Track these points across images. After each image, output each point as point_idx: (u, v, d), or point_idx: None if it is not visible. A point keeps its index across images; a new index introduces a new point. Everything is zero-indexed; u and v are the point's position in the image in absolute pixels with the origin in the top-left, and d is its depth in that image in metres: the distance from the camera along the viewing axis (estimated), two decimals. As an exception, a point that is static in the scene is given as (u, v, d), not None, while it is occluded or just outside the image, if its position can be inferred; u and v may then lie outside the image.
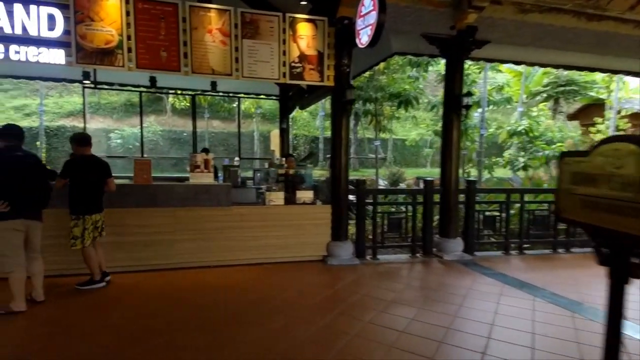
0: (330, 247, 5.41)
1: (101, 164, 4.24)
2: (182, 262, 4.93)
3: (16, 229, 3.38)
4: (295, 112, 10.64)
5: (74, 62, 4.36)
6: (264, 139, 15.69)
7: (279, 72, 5.00)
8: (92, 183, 4.12)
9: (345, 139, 5.37)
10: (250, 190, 5.98)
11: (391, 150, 15.61)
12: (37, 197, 3.58)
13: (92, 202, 4.14)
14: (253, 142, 17.30)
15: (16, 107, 16.03)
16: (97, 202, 4.19)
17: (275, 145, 15.95)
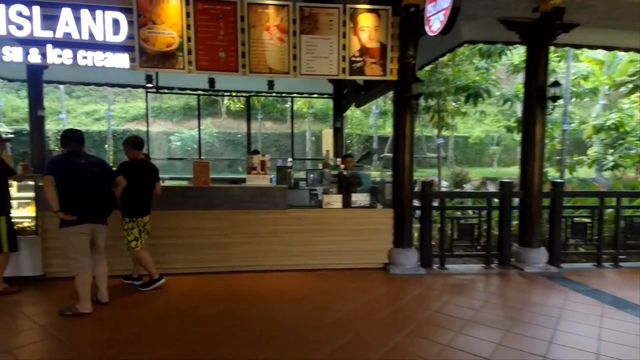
0: (393, 255, 5.06)
1: (152, 167, 4.31)
2: (238, 266, 4.87)
3: (82, 232, 3.47)
4: (348, 110, 10.36)
5: (138, 66, 4.46)
6: (315, 139, 15.62)
7: (338, 67, 4.75)
8: (144, 186, 4.18)
9: (410, 137, 4.98)
10: (305, 192, 5.81)
11: (452, 149, 14.74)
12: (101, 202, 3.62)
13: (146, 205, 4.23)
14: (304, 143, 17.32)
15: (87, 112, 17.51)
16: (149, 204, 4.27)
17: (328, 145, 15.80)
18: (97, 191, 3.58)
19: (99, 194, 3.59)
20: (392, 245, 5.11)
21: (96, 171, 3.58)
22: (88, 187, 3.50)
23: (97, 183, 3.58)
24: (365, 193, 5.23)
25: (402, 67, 4.86)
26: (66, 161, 3.48)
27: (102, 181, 3.64)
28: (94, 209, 3.56)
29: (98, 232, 3.65)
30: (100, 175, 3.63)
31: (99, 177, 3.60)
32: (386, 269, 5.06)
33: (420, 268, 5.05)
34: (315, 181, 8.27)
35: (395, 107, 5.12)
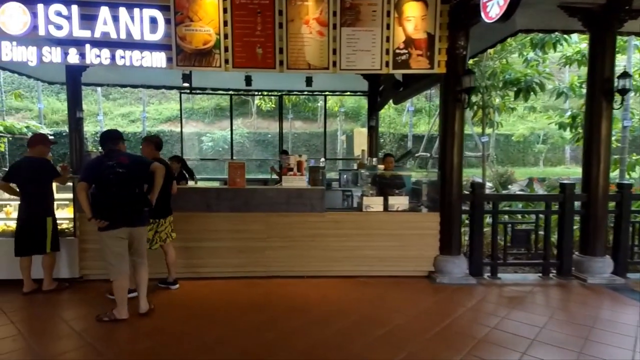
0: (439, 262, 4.73)
1: (169, 167, 4.27)
2: (274, 271, 4.72)
3: (119, 237, 3.37)
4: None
5: (174, 64, 4.40)
6: (347, 139, 15.37)
7: (381, 61, 4.49)
8: (165, 186, 4.01)
9: (460, 135, 4.65)
10: (340, 194, 5.61)
11: (493, 147, 14.04)
12: (131, 203, 3.42)
13: (169, 204, 4.24)
14: (335, 142, 17.09)
15: (123, 114, 18.12)
16: (168, 206, 4.25)
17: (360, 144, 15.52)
18: (124, 193, 3.38)
19: (126, 196, 3.39)
20: (438, 252, 4.79)
21: (122, 172, 3.34)
22: (113, 189, 3.33)
23: (123, 184, 3.36)
24: (407, 195, 4.94)
25: (451, 59, 4.53)
26: (96, 164, 3.42)
27: (128, 182, 3.40)
28: (125, 212, 3.39)
29: (136, 236, 3.53)
30: (127, 176, 3.38)
31: (125, 179, 3.37)
32: (431, 277, 4.74)
33: (469, 277, 4.70)
34: (349, 182, 8.06)
35: (442, 103, 4.79)
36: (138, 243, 3.57)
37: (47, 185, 4.14)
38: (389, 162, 5.79)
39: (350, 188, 7.19)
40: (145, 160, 3.65)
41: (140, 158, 3.69)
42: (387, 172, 5.42)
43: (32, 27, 4.12)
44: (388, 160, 5.82)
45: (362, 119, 17.69)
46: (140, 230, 3.57)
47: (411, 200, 4.98)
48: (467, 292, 4.35)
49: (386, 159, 5.85)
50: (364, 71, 4.58)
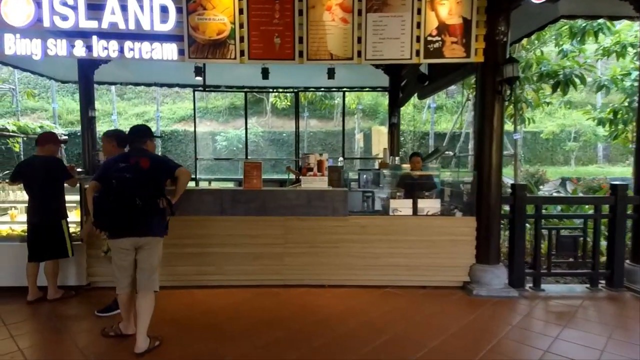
0: (475, 272, 4.33)
1: None
2: (293, 279, 4.40)
3: (121, 247, 2.96)
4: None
5: (186, 57, 4.12)
6: (364, 137, 14.99)
7: (411, 50, 4.12)
8: None
9: (499, 131, 4.24)
10: (368, 197, 5.26)
11: (520, 145, 13.42)
12: (140, 211, 2.89)
13: None
14: (351, 141, 16.69)
15: (137, 113, 18.14)
16: None
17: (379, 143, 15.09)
18: (125, 202, 2.86)
19: (128, 204, 2.86)
20: (474, 261, 4.38)
21: (128, 178, 2.88)
22: (111, 196, 2.87)
23: (125, 192, 2.86)
24: (439, 198, 4.55)
25: (490, 47, 4.13)
26: (109, 163, 3.07)
27: (135, 189, 2.87)
28: (128, 220, 2.88)
29: (144, 247, 2.96)
30: (134, 183, 2.88)
31: (131, 185, 2.87)
32: (466, 288, 4.35)
33: (510, 289, 4.28)
34: (369, 182, 7.68)
35: (480, 95, 4.38)
36: (142, 257, 2.97)
37: (60, 186, 3.93)
38: (416, 162, 5.38)
39: (371, 189, 6.84)
40: (170, 165, 3.11)
41: (164, 161, 3.12)
42: (415, 172, 5.04)
43: (36, 18, 3.90)
44: (415, 160, 5.41)
45: (380, 116, 17.27)
46: (149, 241, 2.95)
47: (442, 202, 4.58)
48: (509, 306, 3.95)
49: (413, 159, 5.45)
50: (392, 61, 4.21)
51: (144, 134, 3.16)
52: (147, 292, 2.95)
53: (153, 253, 3.00)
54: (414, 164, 5.37)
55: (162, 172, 3.07)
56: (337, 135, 16.70)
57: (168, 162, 3.14)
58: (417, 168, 5.33)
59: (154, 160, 3.04)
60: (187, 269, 4.32)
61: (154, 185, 2.99)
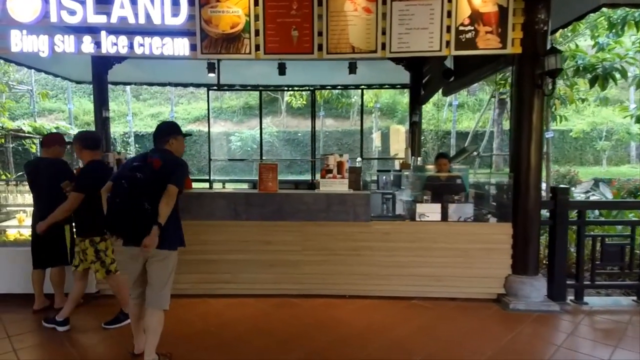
0: (512, 284, 3.98)
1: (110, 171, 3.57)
2: (311, 289, 4.13)
3: (131, 253, 2.71)
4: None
5: (199, 52, 3.91)
6: (382, 137, 14.62)
7: (441, 41, 3.80)
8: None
9: (539, 129, 3.89)
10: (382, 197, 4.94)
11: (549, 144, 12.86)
12: (146, 216, 2.55)
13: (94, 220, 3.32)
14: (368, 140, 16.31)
15: (152, 114, 18.21)
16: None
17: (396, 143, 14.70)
18: (132, 203, 2.55)
19: (133, 208, 2.56)
20: (510, 271, 4.03)
21: (137, 177, 2.57)
22: (117, 198, 2.59)
23: (134, 192, 2.55)
24: (470, 203, 4.21)
25: (528, 37, 3.78)
26: (124, 164, 2.87)
27: (142, 188, 2.56)
28: (129, 227, 2.60)
29: (150, 260, 2.68)
30: (143, 182, 2.57)
31: (139, 184, 2.56)
32: (501, 301, 4.00)
33: (550, 302, 3.92)
34: (388, 184, 7.35)
35: (517, 90, 4.03)
36: (151, 270, 2.70)
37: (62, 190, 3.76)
38: (443, 165, 4.96)
39: (390, 191, 6.53)
40: (172, 174, 2.63)
41: (173, 168, 2.67)
42: (443, 173, 4.70)
43: (43, 13, 3.74)
44: (442, 162, 4.95)
45: (398, 115, 16.88)
46: (157, 252, 2.63)
47: (480, 207, 4.25)
48: (550, 322, 3.60)
49: (439, 160, 5.00)
50: (420, 54, 3.90)
51: (164, 132, 2.79)
52: (154, 310, 2.68)
53: (163, 267, 2.68)
54: (441, 166, 4.98)
55: (168, 176, 2.63)
56: (354, 134, 16.39)
57: (174, 171, 2.66)
58: (443, 171, 4.97)
59: (165, 162, 2.67)
60: (200, 276, 4.11)
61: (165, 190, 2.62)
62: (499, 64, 4.52)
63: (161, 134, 2.79)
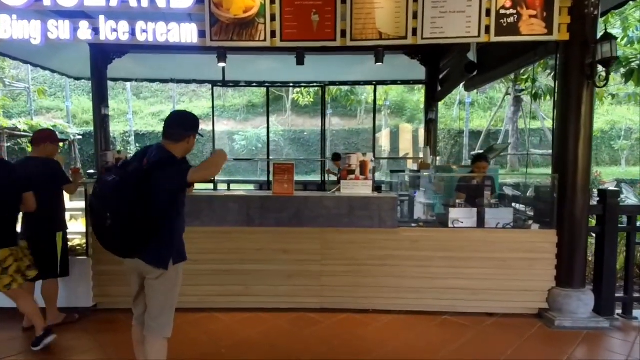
0: (556, 297, 3.59)
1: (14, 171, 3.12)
2: (332, 302, 3.76)
3: (129, 266, 2.33)
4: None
5: (208, 39, 3.54)
6: (392, 135, 14.25)
7: (479, 26, 3.42)
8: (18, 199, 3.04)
9: (588, 125, 3.51)
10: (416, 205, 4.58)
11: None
12: (117, 230, 2.10)
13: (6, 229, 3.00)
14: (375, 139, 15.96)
15: (153, 113, 17.86)
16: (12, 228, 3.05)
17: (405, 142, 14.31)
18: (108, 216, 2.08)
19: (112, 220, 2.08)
20: (554, 283, 3.65)
21: (110, 181, 2.10)
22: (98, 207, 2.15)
23: (106, 204, 2.10)
24: (510, 207, 3.83)
25: (577, 22, 3.41)
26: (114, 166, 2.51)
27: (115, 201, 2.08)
28: (100, 237, 2.20)
29: (146, 277, 2.28)
30: (114, 192, 2.08)
31: (108, 195, 2.09)
32: (544, 317, 3.62)
33: (598, 318, 3.54)
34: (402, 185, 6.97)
35: (562, 81, 3.65)
36: (146, 290, 2.30)
37: (58, 193, 3.39)
38: (482, 168, 4.43)
39: (406, 192, 6.16)
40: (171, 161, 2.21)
41: (163, 158, 2.20)
42: (476, 174, 4.30)
43: (35, -5, 3.39)
44: (481, 165, 4.35)
45: (407, 113, 16.51)
46: (146, 269, 2.23)
47: (519, 212, 3.87)
48: (602, 342, 3.22)
49: (478, 164, 4.39)
50: (455, 40, 3.52)
51: (168, 124, 2.31)
52: (152, 337, 2.28)
53: (157, 287, 2.24)
54: (480, 169, 4.47)
55: (157, 180, 2.13)
56: (362, 133, 16.03)
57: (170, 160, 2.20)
58: (480, 171, 4.49)
59: (152, 162, 2.18)
60: (209, 288, 3.74)
61: (144, 196, 2.10)
62: (538, 54, 4.14)
63: (166, 125, 2.30)
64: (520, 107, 11.00)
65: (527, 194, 4.16)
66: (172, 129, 2.29)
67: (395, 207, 3.76)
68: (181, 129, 2.30)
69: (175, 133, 2.28)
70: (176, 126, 2.31)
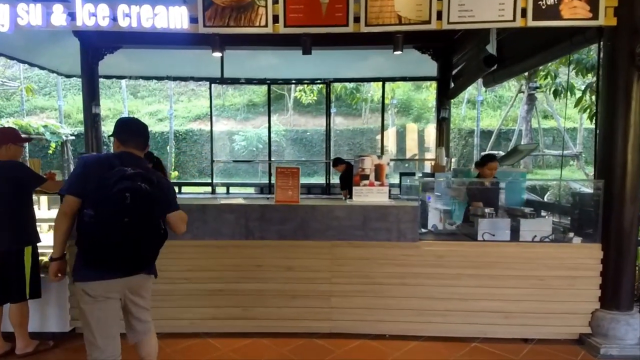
0: (601, 321, 3.15)
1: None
2: (343, 327, 3.32)
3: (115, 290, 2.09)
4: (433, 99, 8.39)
5: (200, 25, 3.11)
6: (398, 135, 13.81)
7: (514, 9, 2.98)
8: None
9: (638, 123, 3.06)
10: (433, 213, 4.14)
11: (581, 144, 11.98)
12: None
13: None
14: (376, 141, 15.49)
15: (150, 112, 17.42)
16: None
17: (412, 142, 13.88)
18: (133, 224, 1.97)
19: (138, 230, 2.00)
20: (598, 305, 3.20)
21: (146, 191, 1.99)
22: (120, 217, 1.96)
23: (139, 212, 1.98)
24: (548, 217, 3.39)
25: (625, 6, 2.97)
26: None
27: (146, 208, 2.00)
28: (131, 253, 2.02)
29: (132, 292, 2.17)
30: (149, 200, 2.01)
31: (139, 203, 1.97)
32: (586, 342, 3.18)
33: (649, 345, 3.10)
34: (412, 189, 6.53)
35: (607, 73, 3.21)
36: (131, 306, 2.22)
37: (27, 200, 2.96)
38: (492, 169, 4.09)
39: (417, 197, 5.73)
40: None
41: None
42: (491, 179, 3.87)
43: (0, -26, 2.97)
44: (492, 166, 4.04)
45: (414, 113, 16.02)
46: (140, 282, 2.18)
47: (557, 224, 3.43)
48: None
49: (489, 164, 4.05)
50: (486, 25, 3.09)
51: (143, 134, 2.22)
52: (153, 334, 2.28)
53: (149, 290, 2.27)
54: (491, 171, 4.10)
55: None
56: (366, 133, 15.58)
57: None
58: (491, 177, 4.11)
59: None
60: (202, 311, 3.30)
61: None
62: (574, 43, 3.69)
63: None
64: (534, 105, 10.55)
65: (563, 202, 3.73)
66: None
67: (416, 218, 3.31)
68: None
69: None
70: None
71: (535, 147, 7.52)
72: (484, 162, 4.14)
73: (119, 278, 2.00)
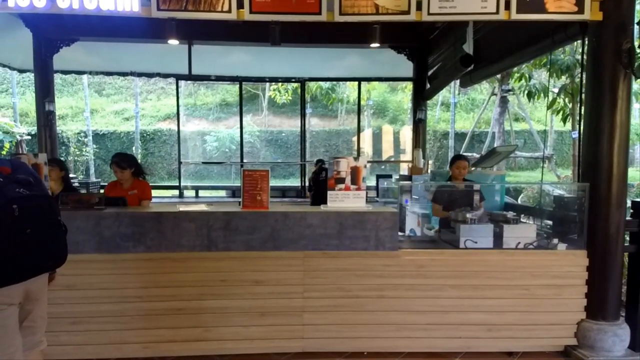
0: (587, 332, 2.99)
1: None
2: (317, 346, 3.03)
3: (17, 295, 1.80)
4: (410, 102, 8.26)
5: (154, 8, 2.75)
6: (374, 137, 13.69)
7: (497, 1, 2.79)
8: None
9: (625, 124, 2.93)
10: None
11: (551, 146, 12.15)
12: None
13: None
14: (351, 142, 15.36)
15: (116, 111, 16.61)
16: None
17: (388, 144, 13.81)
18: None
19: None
20: (584, 315, 3.05)
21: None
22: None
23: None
24: (532, 223, 3.22)
25: (612, 0, 2.83)
26: None
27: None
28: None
29: (35, 291, 1.94)
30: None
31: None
32: (571, 355, 3.02)
33: (636, 356, 2.98)
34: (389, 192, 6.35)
35: (592, 72, 3.06)
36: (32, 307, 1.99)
37: None
38: (463, 169, 3.91)
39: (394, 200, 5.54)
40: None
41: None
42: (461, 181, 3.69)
43: None
44: (461, 165, 3.85)
45: (389, 114, 15.97)
46: (44, 280, 2.01)
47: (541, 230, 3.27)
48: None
49: (458, 163, 3.87)
50: (468, 17, 2.91)
51: None
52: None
53: (45, 292, 2.03)
54: (460, 170, 3.91)
55: None
56: (342, 134, 15.40)
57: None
58: (461, 176, 3.93)
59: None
60: (159, 332, 2.92)
61: None
62: (556, 41, 3.55)
63: None
64: (506, 108, 10.64)
65: (544, 206, 3.59)
66: None
67: (396, 225, 3.06)
68: None
69: None
70: None
71: (514, 149, 7.47)
72: (453, 162, 3.97)
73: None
